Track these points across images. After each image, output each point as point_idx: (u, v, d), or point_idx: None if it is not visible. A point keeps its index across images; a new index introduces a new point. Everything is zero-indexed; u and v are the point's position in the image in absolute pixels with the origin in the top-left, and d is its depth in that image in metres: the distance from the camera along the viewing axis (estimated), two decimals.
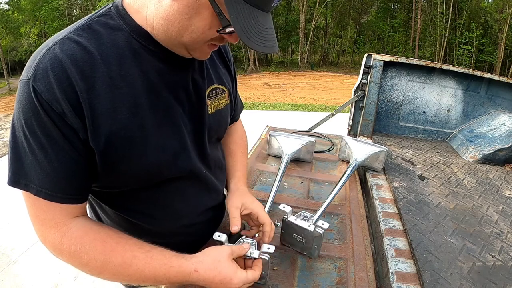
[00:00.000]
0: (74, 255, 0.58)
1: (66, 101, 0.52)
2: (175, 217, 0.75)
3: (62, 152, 0.54)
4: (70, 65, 0.52)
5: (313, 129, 2.07)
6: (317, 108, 9.09)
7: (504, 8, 20.62)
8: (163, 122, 0.63)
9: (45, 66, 0.51)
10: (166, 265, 0.61)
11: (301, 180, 1.31)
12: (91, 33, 0.56)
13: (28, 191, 0.56)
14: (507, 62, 22.29)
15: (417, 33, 23.08)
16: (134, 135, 0.59)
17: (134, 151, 0.60)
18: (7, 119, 8.84)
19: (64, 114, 0.52)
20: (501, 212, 1.18)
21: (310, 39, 23.70)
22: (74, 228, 0.59)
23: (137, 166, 0.62)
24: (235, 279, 0.63)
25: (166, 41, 0.59)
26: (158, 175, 0.66)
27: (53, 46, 0.53)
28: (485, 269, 0.86)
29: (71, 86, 0.52)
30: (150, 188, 0.68)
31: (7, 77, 18.75)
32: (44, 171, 0.54)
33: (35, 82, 0.51)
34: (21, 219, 3.11)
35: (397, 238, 0.97)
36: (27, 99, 0.52)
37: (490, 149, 1.69)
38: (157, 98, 0.62)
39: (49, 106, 0.51)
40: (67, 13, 21.89)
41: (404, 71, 2.01)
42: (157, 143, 0.62)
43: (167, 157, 0.65)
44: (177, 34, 0.56)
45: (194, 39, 0.56)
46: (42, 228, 0.58)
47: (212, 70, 0.76)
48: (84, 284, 2.29)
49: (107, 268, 0.59)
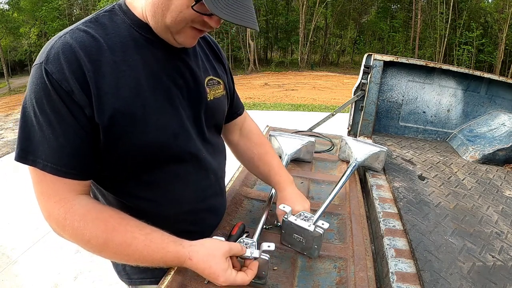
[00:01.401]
0: (77, 231, 0.61)
1: (75, 80, 0.57)
2: (176, 203, 0.77)
3: (69, 128, 0.59)
4: (79, 49, 0.58)
5: (313, 129, 2.07)
6: (317, 108, 9.09)
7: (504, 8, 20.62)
8: (162, 104, 0.68)
9: (57, 51, 0.57)
10: (164, 249, 0.65)
11: (301, 180, 1.31)
12: (98, 25, 0.63)
13: (35, 166, 0.59)
14: (507, 62, 22.29)
15: (417, 33, 23.08)
16: (136, 112, 0.63)
17: (136, 128, 0.64)
18: (7, 119, 8.84)
19: (72, 92, 0.57)
20: (501, 212, 1.18)
21: (310, 39, 23.69)
22: (78, 205, 0.62)
23: (138, 143, 0.65)
24: (222, 277, 0.65)
25: (156, 28, 0.65)
26: (159, 154, 0.69)
27: (63, 35, 0.59)
28: (485, 269, 0.86)
29: (80, 67, 0.57)
30: (151, 172, 0.71)
31: (7, 77, 18.73)
32: (50, 146, 0.58)
33: (47, 65, 0.56)
34: (21, 219, 3.11)
35: (397, 238, 0.97)
36: (39, 80, 0.57)
37: (490, 149, 1.69)
38: (156, 81, 0.67)
39: (58, 85, 0.56)
40: (67, 13, 21.89)
41: (404, 71, 2.01)
42: (157, 122, 0.66)
43: (167, 136, 0.69)
44: (161, 16, 0.61)
45: (175, 18, 0.60)
46: (47, 204, 0.62)
47: (207, 63, 0.81)
48: (84, 284, 2.29)
49: (108, 247, 0.62)
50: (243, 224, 0.91)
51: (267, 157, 0.99)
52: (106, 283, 2.28)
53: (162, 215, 0.75)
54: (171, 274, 0.74)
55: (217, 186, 0.87)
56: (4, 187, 3.84)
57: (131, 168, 0.69)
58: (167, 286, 0.72)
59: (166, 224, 0.70)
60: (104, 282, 2.29)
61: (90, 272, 2.39)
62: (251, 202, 1.11)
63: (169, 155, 0.71)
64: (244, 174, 1.27)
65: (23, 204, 3.35)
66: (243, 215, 1.04)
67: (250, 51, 21.50)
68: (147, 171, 0.70)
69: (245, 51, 21.84)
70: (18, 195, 3.55)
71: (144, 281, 0.87)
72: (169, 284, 0.72)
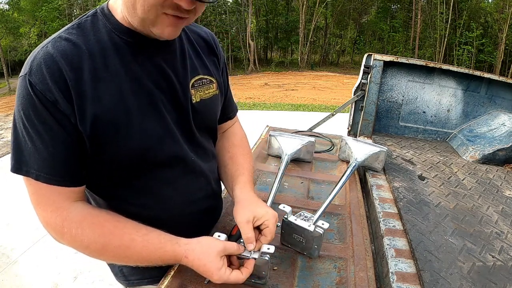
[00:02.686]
0: (75, 238, 0.63)
1: (58, 89, 0.57)
2: (167, 206, 0.77)
3: (57, 137, 0.59)
4: (60, 58, 0.58)
5: (313, 129, 2.07)
6: (317, 108, 9.09)
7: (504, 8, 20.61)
8: (146, 108, 0.67)
9: (39, 61, 0.58)
10: (161, 249, 0.66)
11: (301, 180, 1.31)
12: (79, 30, 0.63)
13: (29, 177, 0.60)
14: (507, 62, 22.29)
15: (417, 33, 23.08)
16: (118, 118, 0.63)
17: (119, 134, 0.64)
18: (7, 119, 8.84)
19: (57, 102, 0.57)
20: (501, 212, 1.18)
21: (310, 39, 23.69)
22: (74, 212, 0.63)
23: (123, 149, 0.65)
24: (215, 275, 0.65)
25: (135, 24, 0.63)
26: (144, 160, 0.69)
27: (46, 45, 0.60)
28: (485, 269, 0.86)
29: (62, 76, 0.58)
30: (138, 177, 0.71)
31: (7, 77, 18.73)
32: (41, 156, 0.59)
33: (31, 76, 0.57)
34: (21, 219, 3.11)
35: (397, 238, 0.97)
36: (24, 92, 0.57)
37: (490, 149, 1.69)
38: (138, 85, 0.66)
39: (43, 95, 0.57)
40: (67, 13, 21.87)
41: (404, 71, 2.01)
42: (141, 127, 0.66)
43: (152, 141, 0.68)
44: (133, 10, 0.59)
45: (143, 7, 0.57)
46: (44, 214, 0.63)
47: (197, 61, 0.78)
48: (84, 284, 2.29)
49: (107, 250, 0.64)
50: None
51: (240, 159, 0.90)
52: (106, 283, 2.28)
53: (154, 219, 0.74)
54: (170, 275, 0.74)
55: (209, 188, 0.85)
56: (4, 187, 3.84)
57: (118, 174, 0.69)
58: (167, 286, 0.72)
59: (160, 227, 0.69)
60: (104, 282, 2.29)
61: (90, 272, 2.39)
62: None
63: (155, 159, 0.70)
64: None
65: (23, 204, 3.35)
66: None
67: (250, 51, 21.50)
68: (134, 176, 0.71)
69: (245, 51, 21.84)
70: (18, 195, 3.55)
71: (141, 281, 0.87)
72: (168, 284, 0.72)
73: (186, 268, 0.71)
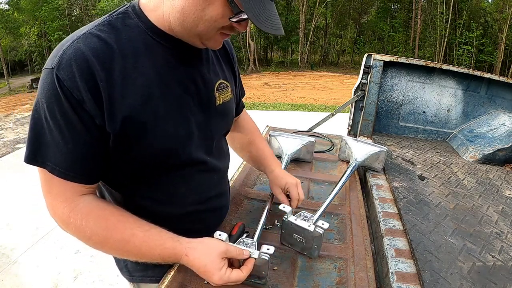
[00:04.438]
0: (79, 229, 0.64)
1: (87, 89, 0.57)
2: (180, 203, 0.78)
3: (78, 135, 0.59)
4: (92, 57, 0.57)
5: (313, 129, 2.07)
6: (317, 108, 9.09)
7: (504, 8, 20.61)
8: (172, 112, 0.68)
9: (69, 57, 0.56)
10: (162, 245, 0.66)
11: (301, 180, 1.31)
12: (111, 28, 0.62)
13: (44, 168, 0.61)
14: (507, 62, 22.29)
15: (417, 33, 23.08)
16: (146, 120, 0.64)
17: (146, 136, 0.65)
18: (7, 119, 8.84)
19: (83, 101, 0.57)
20: (501, 212, 1.18)
21: (310, 39, 23.70)
22: (82, 204, 0.64)
23: (148, 151, 0.66)
24: (216, 276, 0.65)
25: (182, 33, 0.64)
26: (167, 161, 0.70)
27: (76, 40, 0.58)
28: (485, 269, 0.86)
29: (92, 76, 0.57)
30: (159, 175, 0.72)
31: (7, 77, 18.73)
32: (60, 151, 0.59)
33: (59, 71, 0.56)
34: (21, 219, 3.11)
35: (397, 238, 0.97)
36: (50, 86, 0.57)
37: (490, 149, 1.69)
38: (167, 89, 0.67)
39: (70, 93, 0.56)
40: (67, 13, 21.87)
41: (404, 71, 2.00)
42: (166, 130, 0.67)
43: (176, 144, 0.70)
44: (193, 25, 0.61)
45: (207, 27, 0.61)
46: (53, 202, 0.64)
47: (218, 66, 0.81)
48: (84, 284, 2.29)
49: (108, 243, 0.65)
50: (243, 224, 0.91)
51: (258, 144, 1.06)
52: (106, 283, 2.28)
53: (166, 214, 0.77)
54: (171, 274, 0.74)
55: (220, 186, 0.88)
56: (4, 187, 3.84)
57: (138, 172, 0.70)
58: (167, 285, 0.72)
59: (170, 223, 0.71)
60: (104, 282, 2.29)
61: (90, 272, 2.39)
62: (251, 202, 1.11)
63: (177, 161, 0.72)
64: (244, 174, 1.28)
65: (23, 204, 3.35)
66: (243, 215, 1.04)
67: (250, 51, 21.50)
68: (154, 175, 0.72)
69: (245, 51, 21.84)
70: (18, 195, 3.55)
71: (144, 279, 0.88)
72: (169, 283, 0.72)
73: (186, 268, 0.71)
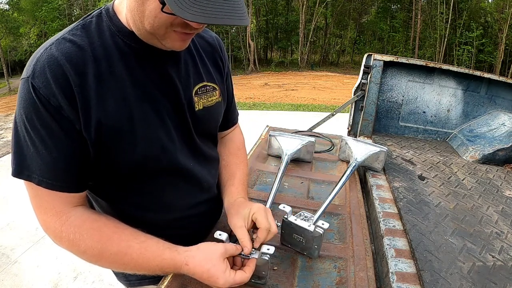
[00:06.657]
0: (73, 243, 0.62)
1: (62, 95, 0.56)
2: (167, 210, 0.77)
3: (60, 143, 0.58)
4: (65, 62, 0.56)
5: (313, 129, 2.07)
6: (317, 108, 9.10)
7: (504, 8, 20.61)
8: (149, 115, 0.66)
9: (43, 64, 0.55)
10: (160, 256, 0.64)
11: (301, 180, 1.31)
12: (84, 32, 0.61)
13: (31, 181, 0.59)
14: (507, 62, 22.29)
15: (417, 33, 23.08)
16: (122, 125, 0.62)
17: (123, 141, 0.63)
18: (7, 119, 8.84)
19: (61, 107, 0.56)
20: (501, 212, 1.18)
21: (310, 39, 23.70)
22: (73, 217, 0.62)
23: (126, 157, 0.65)
24: (221, 279, 0.63)
25: (140, 34, 0.61)
26: (147, 167, 0.69)
27: (49, 46, 0.57)
28: (485, 269, 0.86)
29: (67, 81, 0.56)
30: (141, 181, 0.71)
31: (7, 77, 18.74)
32: (44, 161, 0.58)
33: (34, 80, 0.55)
34: (21, 219, 3.11)
35: (397, 238, 0.97)
36: (27, 96, 0.56)
37: (490, 149, 1.69)
38: (142, 92, 0.65)
39: (47, 100, 0.55)
40: (67, 13, 21.88)
41: (404, 71, 2.00)
42: (145, 135, 0.65)
43: (155, 149, 0.68)
44: (140, 23, 0.58)
45: (152, 24, 0.56)
46: (44, 217, 0.62)
47: (202, 67, 0.77)
48: (84, 284, 2.29)
49: (104, 256, 0.62)
50: None
51: (233, 168, 0.91)
52: (106, 283, 2.28)
53: (153, 221, 0.75)
54: (170, 275, 0.74)
55: (209, 193, 0.86)
56: (4, 187, 3.83)
57: (120, 179, 0.69)
58: (167, 286, 0.71)
59: (157, 229, 0.69)
60: (104, 282, 2.29)
61: (90, 272, 2.39)
62: None
63: (157, 167, 0.70)
64: None
65: (23, 204, 3.35)
66: None
67: (250, 51, 21.50)
68: (136, 181, 0.70)
69: (245, 51, 21.84)
70: (18, 195, 3.54)
71: (142, 282, 0.87)
72: (169, 284, 0.72)
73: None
